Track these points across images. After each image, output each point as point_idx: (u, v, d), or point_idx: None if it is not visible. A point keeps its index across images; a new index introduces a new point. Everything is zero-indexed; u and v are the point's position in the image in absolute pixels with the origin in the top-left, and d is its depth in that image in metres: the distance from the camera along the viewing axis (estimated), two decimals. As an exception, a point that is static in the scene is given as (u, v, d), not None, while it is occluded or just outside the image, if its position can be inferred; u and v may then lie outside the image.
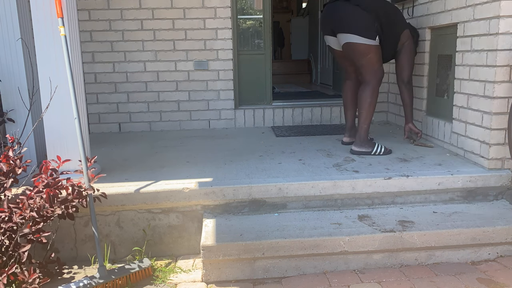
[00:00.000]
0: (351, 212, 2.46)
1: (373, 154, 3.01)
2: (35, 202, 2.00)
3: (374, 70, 2.96)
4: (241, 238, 2.16)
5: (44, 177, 2.09)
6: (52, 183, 2.08)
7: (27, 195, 2.04)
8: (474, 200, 2.57)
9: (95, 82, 4.04)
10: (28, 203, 1.99)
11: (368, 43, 2.90)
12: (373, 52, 2.93)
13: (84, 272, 2.29)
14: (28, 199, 2.01)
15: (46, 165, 2.12)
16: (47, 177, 2.09)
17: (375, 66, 2.96)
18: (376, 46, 2.93)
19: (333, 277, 2.14)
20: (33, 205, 1.99)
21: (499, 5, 2.44)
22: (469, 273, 2.15)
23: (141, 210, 2.43)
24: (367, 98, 2.99)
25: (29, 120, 2.69)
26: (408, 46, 3.15)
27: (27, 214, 1.97)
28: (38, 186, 2.07)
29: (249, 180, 2.52)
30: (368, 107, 3.00)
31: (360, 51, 2.92)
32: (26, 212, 1.97)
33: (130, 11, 3.94)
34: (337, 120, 4.21)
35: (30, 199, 2.01)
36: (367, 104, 3.00)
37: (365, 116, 3.02)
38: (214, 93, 4.13)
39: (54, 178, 2.10)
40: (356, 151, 3.04)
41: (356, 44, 2.90)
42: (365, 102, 3.00)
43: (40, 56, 2.40)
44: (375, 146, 3.03)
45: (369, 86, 2.98)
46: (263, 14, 4.16)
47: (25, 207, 1.98)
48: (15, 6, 2.63)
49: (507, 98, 2.53)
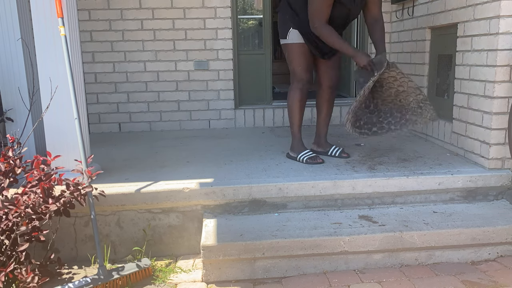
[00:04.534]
0: (351, 212, 2.46)
1: (298, 159, 2.88)
2: (30, 198, 2.00)
3: (291, 70, 2.87)
4: (241, 238, 2.16)
5: (36, 173, 2.08)
6: (45, 177, 2.07)
7: (21, 191, 2.03)
8: (474, 200, 2.57)
9: (95, 82, 4.04)
10: (23, 199, 1.98)
11: (283, 42, 2.84)
12: (288, 51, 2.82)
13: (84, 272, 2.29)
14: (22, 195, 2.01)
15: (37, 160, 2.11)
16: (40, 172, 2.08)
17: (291, 66, 2.85)
18: (290, 44, 2.79)
19: (333, 277, 2.14)
20: (28, 202, 1.98)
21: (499, 5, 2.44)
22: (469, 273, 2.15)
23: (141, 210, 2.42)
24: (288, 101, 2.91)
25: (29, 120, 2.69)
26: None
27: (22, 210, 1.96)
28: (32, 181, 2.06)
29: (249, 180, 2.52)
30: (289, 111, 2.91)
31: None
32: (21, 209, 1.96)
33: (130, 11, 3.94)
34: (337, 120, 4.21)
35: (25, 195, 2.01)
36: (288, 108, 2.92)
37: (290, 121, 2.94)
38: (214, 93, 4.13)
39: (46, 173, 2.09)
40: (287, 154, 2.99)
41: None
42: (288, 106, 2.92)
43: (40, 56, 2.40)
44: (301, 152, 2.88)
45: (289, 89, 2.91)
46: (263, 14, 4.15)
47: (20, 203, 1.97)
48: (15, 6, 2.64)
49: (507, 98, 2.53)
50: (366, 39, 4.19)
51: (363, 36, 4.24)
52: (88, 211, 2.37)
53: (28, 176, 2.08)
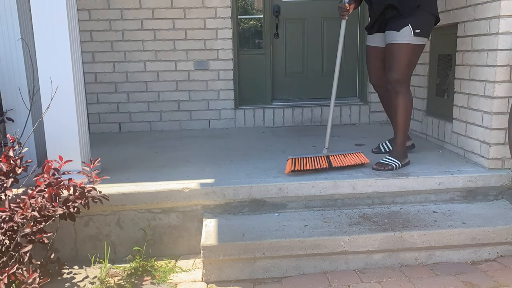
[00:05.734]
0: (352, 212, 2.46)
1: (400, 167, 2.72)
2: (37, 201, 2.00)
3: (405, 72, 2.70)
4: (241, 238, 2.16)
5: (46, 177, 2.09)
6: (54, 183, 2.08)
7: (28, 194, 2.04)
8: (474, 200, 2.57)
9: (95, 82, 4.04)
10: (30, 202, 1.99)
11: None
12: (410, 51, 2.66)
13: (85, 272, 2.29)
14: (30, 198, 2.01)
15: (49, 165, 2.12)
16: (50, 177, 2.09)
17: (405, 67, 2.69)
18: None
19: (333, 277, 2.14)
20: (34, 205, 1.99)
21: (499, 5, 2.44)
22: (469, 273, 2.15)
23: (141, 210, 2.43)
24: (406, 105, 2.73)
25: (29, 120, 2.69)
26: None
27: (29, 213, 1.97)
28: (40, 185, 2.07)
29: (249, 180, 2.52)
30: (408, 116, 2.75)
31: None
32: (28, 212, 1.97)
33: (130, 11, 3.94)
34: (337, 120, 4.20)
35: (32, 199, 2.01)
36: (407, 113, 2.75)
37: (406, 126, 2.77)
38: (214, 93, 4.13)
39: (56, 178, 2.10)
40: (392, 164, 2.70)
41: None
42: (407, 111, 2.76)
43: (40, 56, 2.40)
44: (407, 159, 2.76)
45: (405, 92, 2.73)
46: (263, 14, 4.15)
47: (27, 206, 1.97)
48: (15, 6, 2.63)
49: (507, 98, 2.53)
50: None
51: (363, 39, 4.25)
52: (88, 211, 2.37)
53: (38, 180, 2.09)
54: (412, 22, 2.55)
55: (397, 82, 2.64)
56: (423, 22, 2.57)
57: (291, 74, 4.30)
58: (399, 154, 2.70)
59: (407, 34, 2.56)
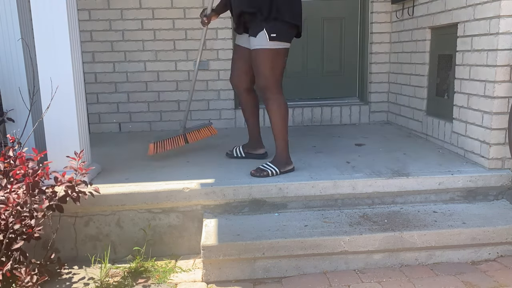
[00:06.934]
0: (352, 212, 2.46)
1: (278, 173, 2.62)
2: (19, 195, 1.99)
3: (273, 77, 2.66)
4: (241, 238, 2.16)
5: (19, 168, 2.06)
6: (31, 172, 2.05)
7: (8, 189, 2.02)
8: (474, 200, 2.57)
9: (95, 82, 4.04)
10: (13, 197, 1.97)
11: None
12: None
13: (85, 272, 2.29)
14: (10, 193, 1.99)
15: (21, 157, 2.08)
16: (24, 168, 2.05)
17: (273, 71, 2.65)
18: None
19: (333, 277, 2.14)
20: (17, 199, 1.97)
21: (499, 5, 2.44)
22: (469, 273, 2.15)
23: (141, 210, 2.43)
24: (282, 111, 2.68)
25: (29, 120, 2.69)
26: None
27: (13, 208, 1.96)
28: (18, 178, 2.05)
29: (249, 180, 2.52)
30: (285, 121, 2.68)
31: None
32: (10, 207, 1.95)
33: (130, 11, 3.94)
34: (337, 120, 4.20)
35: (12, 192, 1.99)
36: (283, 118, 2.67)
37: (285, 131, 2.69)
38: (214, 93, 4.13)
39: (32, 168, 2.07)
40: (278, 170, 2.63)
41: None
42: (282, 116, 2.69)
43: (40, 56, 2.40)
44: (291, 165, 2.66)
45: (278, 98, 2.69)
46: (263, 14, 4.15)
47: (10, 201, 1.96)
48: (15, 6, 2.64)
49: (507, 98, 2.53)
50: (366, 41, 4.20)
51: (363, 39, 4.24)
52: (88, 211, 2.37)
53: (15, 173, 2.05)
54: (267, 27, 2.50)
55: (265, 88, 2.60)
56: (277, 26, 2.52)
57: (291, 74, 4.30)
58: (279, 161, 2.62)
59: (263, 39, 2.51)
